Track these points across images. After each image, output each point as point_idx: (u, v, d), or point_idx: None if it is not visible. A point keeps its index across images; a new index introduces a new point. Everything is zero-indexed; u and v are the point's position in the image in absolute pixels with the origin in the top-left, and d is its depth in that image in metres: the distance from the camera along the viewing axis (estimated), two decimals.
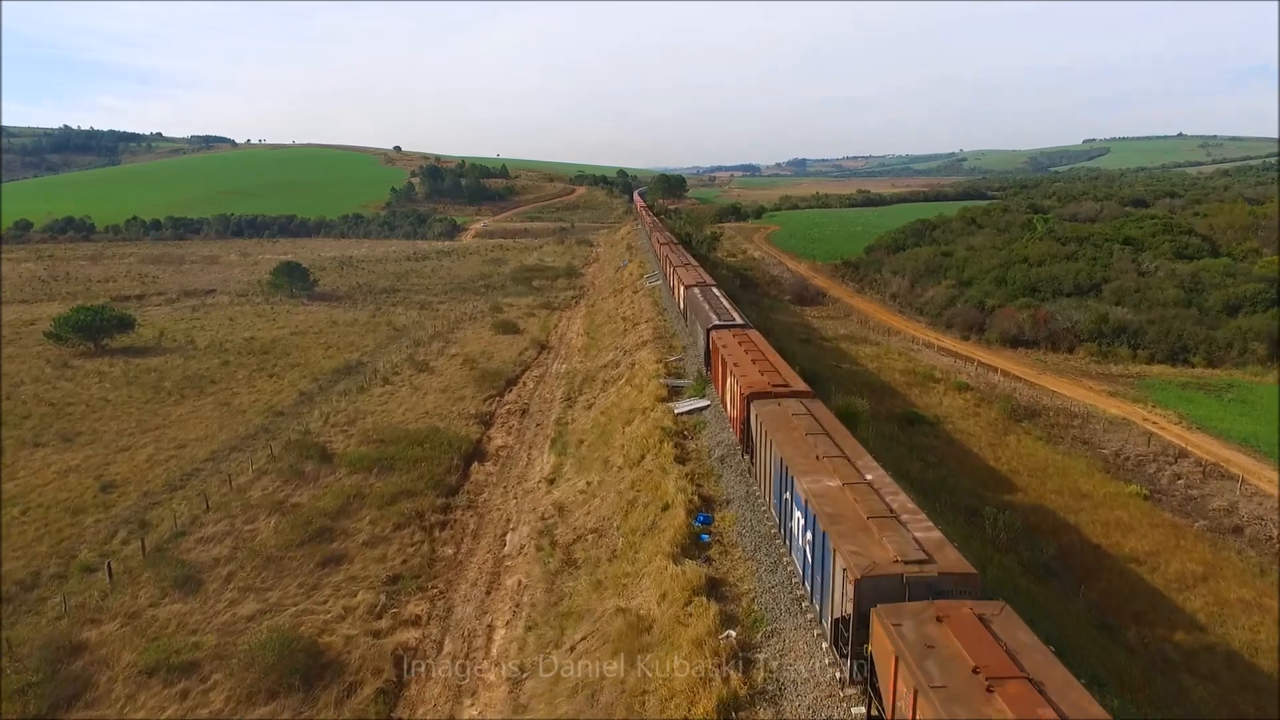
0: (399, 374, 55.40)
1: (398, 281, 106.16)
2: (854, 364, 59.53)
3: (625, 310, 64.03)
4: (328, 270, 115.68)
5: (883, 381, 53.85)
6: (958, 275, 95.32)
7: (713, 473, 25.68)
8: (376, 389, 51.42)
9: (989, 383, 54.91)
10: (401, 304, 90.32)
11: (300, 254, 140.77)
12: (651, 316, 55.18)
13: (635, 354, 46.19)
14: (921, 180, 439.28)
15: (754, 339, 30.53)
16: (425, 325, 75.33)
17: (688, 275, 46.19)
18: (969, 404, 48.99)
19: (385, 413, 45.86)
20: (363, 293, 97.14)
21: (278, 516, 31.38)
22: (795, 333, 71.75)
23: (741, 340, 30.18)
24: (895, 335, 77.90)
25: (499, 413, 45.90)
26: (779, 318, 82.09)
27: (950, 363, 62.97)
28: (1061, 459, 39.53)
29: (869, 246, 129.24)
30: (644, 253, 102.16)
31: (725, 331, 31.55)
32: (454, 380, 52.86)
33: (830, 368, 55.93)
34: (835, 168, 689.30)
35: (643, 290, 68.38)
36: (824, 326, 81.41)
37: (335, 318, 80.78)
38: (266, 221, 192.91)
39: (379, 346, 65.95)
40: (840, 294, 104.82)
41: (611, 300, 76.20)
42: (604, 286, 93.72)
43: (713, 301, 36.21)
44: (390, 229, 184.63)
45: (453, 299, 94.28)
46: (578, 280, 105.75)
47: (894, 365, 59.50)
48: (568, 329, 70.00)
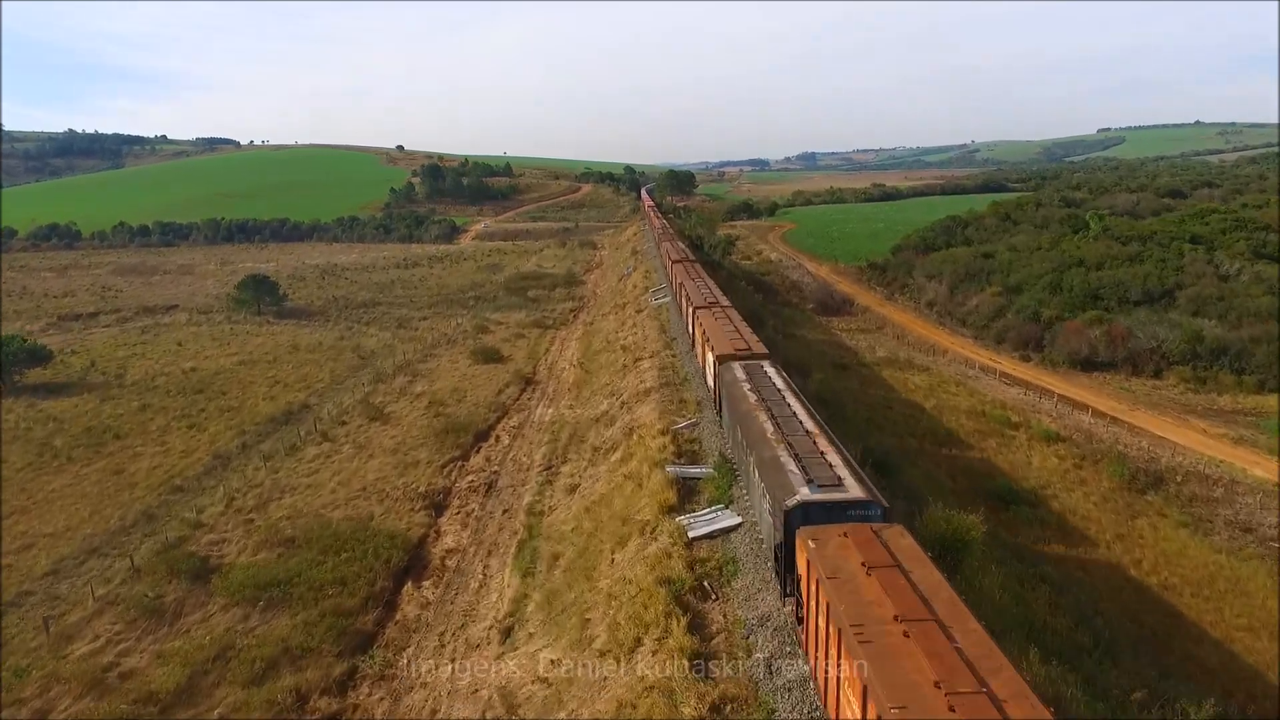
0: (347, 423, 44.33)
1: (380, 293, 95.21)
2: (905, 399, 48.06)
3: (627, 336, 52.73)
4: (307, 281, 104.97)
5: (947, 428, 42.40)
6: (1003, 280, 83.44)
7: (758, 697, 14.44)
8: (311, 449, 40.34)
9: (1080, 428, 43.26)
10: (377, 322, 79.35)
11: (285, 261, 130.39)
12: (657, 350, 43.86)
13: (635, 409, 34.95)
14: (934, 172, 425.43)
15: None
16: (397, 350, 64.26)
17: (716, 330, 32.21)
18: (1067, 464, 37.46)
19: (310, 489, 34.76)
20: (338, 308, 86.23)
21: (90, 701, 20.38)
22: (828, 355, 60.26)
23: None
24: (943, 355, 66.26)
25: (458, 488, 34.72)
26: (805, 334, 70.61)
27: (1019, 396, 51.35)
28: (1228, 563, 28.03)
29: (896, 246, 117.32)
30: (650, 258, 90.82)
31: None
32: (411, 434, 41.75)
33: (879, 408, 44.49)
34: (845, 161, 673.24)
35: (647, 310, 57.08)
36: (858, 344, 69.85)
37: (298, 340, 69.88)
38: (258, 226, 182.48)
39: (335, 382, 54.93)
40: (869, 301, 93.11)
41: (612, 318, 64.93)
42: (605, 298, 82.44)
43: (759, 381, 24.03)
44: (386, 232, 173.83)
45: (436, 314, 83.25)
46: (577, 289, 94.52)
47: (955, 402, 47.99)
48: (559, 355, 58.80)
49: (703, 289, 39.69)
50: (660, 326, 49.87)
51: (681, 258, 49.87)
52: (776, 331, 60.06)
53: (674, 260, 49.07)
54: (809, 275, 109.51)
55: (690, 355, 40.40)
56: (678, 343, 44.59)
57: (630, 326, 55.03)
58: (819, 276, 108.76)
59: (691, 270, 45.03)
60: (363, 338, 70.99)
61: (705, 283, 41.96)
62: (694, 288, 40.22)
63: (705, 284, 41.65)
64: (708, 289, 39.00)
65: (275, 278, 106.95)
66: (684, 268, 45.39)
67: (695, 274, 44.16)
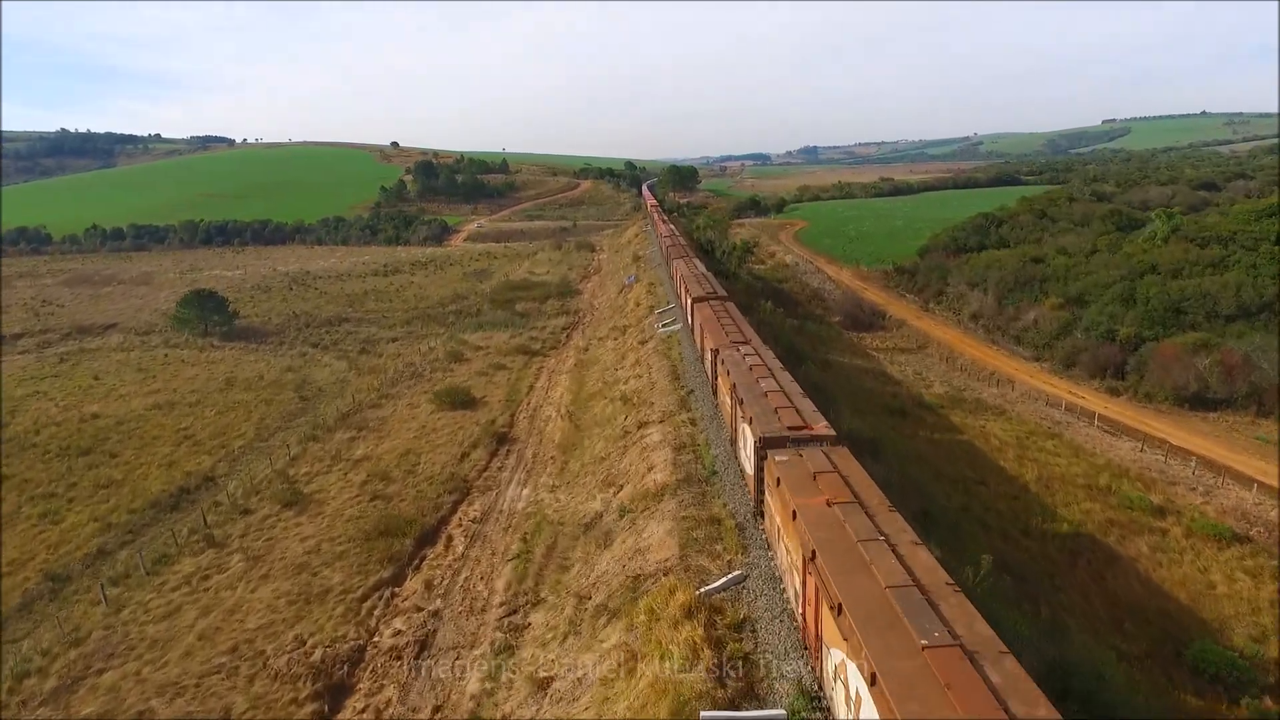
0: (251, 511, 32.37)
1: (349, 307, 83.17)
2: (993, 464, 36.02)
3: (628, 377, 40.65)
4: (271, 292, 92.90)
5: (1069, 520, 30.37)
6: (1062, 290, 71.27)
7: None
8: (187, 561, 28.38)
9: (1250, 512, 31.23)
10: (339, 345, 67.34)
11: (256, 268, 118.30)
12: (669, 410, 31.80)
13: (642, 527, 23.03)
14: (940, 166, 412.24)
15: None
16: (349, 388, 52.29)
17: (759, 402, 20.09)
18: (1262, 589, 25.52)
19: (154, 650, 22.80)
20: (297, 327, 74.18)
21: None
22: (875, 392, 48.18)
23: None
24: (1010, 387, 54.16)
25: (375, 648, 22.70)
26: (840, 359, 58.53)
27: (1136, 453, 39.24)
28: None
29: (923, 248, 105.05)
30: (654, 266, 78.72)
31: None
32: (333, 533, 29.78)
33: (969, 489, 32.48)
34: (847, 155, 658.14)
35: (654, 340, 44.99)
36: (903, 371, 57.78)
37: (237, 372, 57.94)
38: (238, 228, 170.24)
39: (260, 437, 42.96)
40: (902, 313, 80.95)
41: (611, 346, 52.89)
42: (603, 314, 70.36)
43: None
44: (372, 233, 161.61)
45: (409, 333, 71.24)
46: (572, 301, 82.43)
47: (1060, 467, 35.94)
48: (545, 397, 46.71)
49: (738, 344, 27.12)
50: (671, 369, 37.76)
51: (705, 294, 36.92)
52: (813, 361, 48.07)
53: (694, 297, 36.50)
54: (830, 281, 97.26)
55: (714, 419, 28.48)
56: (695, 398, 32.56)
57: (633, 364, 42.91)
58: (840, 282, 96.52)
59: (721, 313, 32.58)
60: (315, 368, 58.99)
61: (738, 329, 29.63)
62: (721, 340, 27.87)
63: (738, 331, 29.34)
64: (749, 349, 26.21)
65: (238, 288, 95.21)
66: (711, 311, 32.90)
67: (725, 317, 31.79)
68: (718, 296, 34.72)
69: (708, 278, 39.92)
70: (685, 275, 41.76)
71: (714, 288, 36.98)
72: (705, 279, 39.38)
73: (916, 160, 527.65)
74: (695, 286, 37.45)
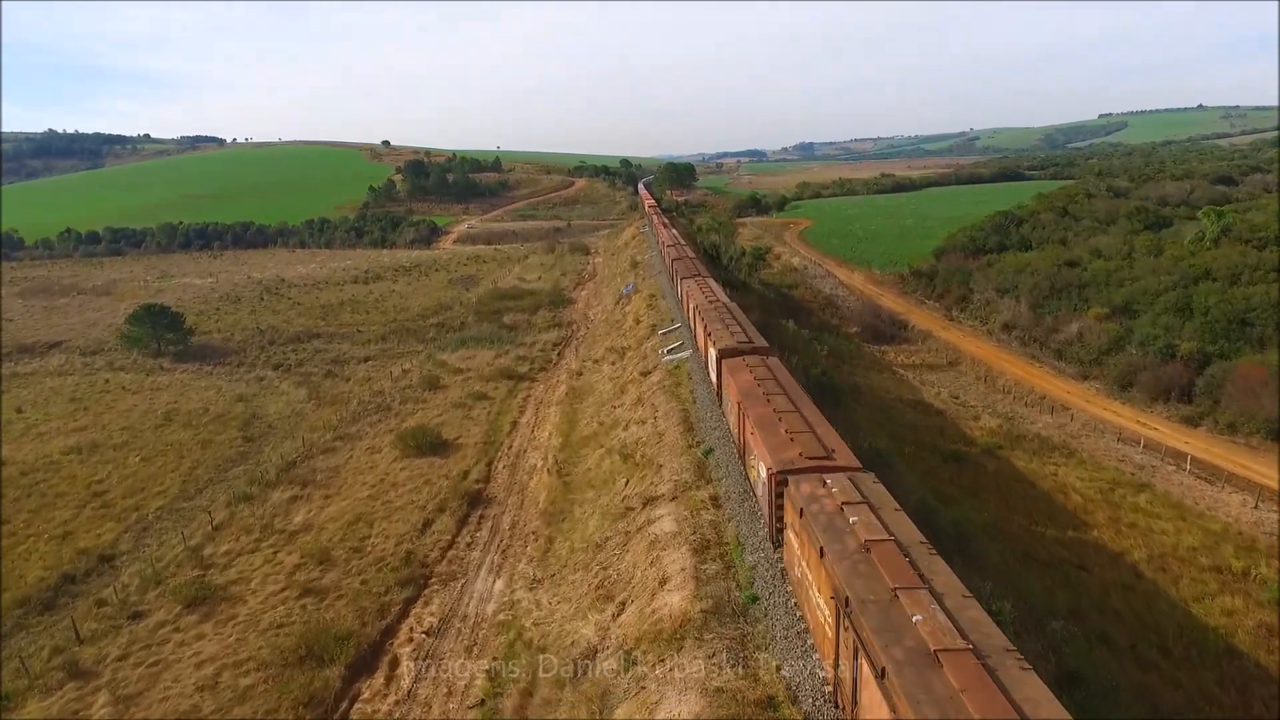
0: (144, 614, 24.75)
1: (322, 320, 75.46)
2: (1085, 539, 28.60)
3: (629, 424, 33.06)
4: (241, 303, 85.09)
5: (1190, 608, 23.05)
6: (1106, 298, 63.82)
7: None
8: (29, 707, 20.79)
9: None
10: (303, 366, 59.71)
11: (230, 275, 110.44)
12: (684, 479, 24.27)
13: (652, 676, 15.58)
14: (939, 161, 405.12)
15: None
16: (304, 423, 44.71)
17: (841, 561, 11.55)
18: None
19: None
20: (261, 344, 66.50)
21: None
22: (918, 426, 40.69)
23: None
24: (1067, 414, 46.71)
25: None
26: (868, 380, 51.04)
27: (1247, 508, 31.85)
28: None
29: (939, 249, 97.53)
30: (655, 274, 71.15)
31: None
32: (234, 662, 22.13)
33: (1071, 584, 25.08)
34: (843, 150, 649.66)
35: (658, 371, 37.43)
36: (939, 395, 50.33)
37: (181, 403, 50.28)
38: (218, 230, 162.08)
39: (184, 495, 35.36)
40: (926, 323, 73.46)
41: (607, 371, 45.34)
42: (599, 328, 62.80)
43: None
44: (358, 235, 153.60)
45: (383, 352, 63.64)
46: (564, 311, 74.84)
47: (1166, 534, 28.54)
48: (530, 438, 39.10)
49: (818, 467, 16.03)
50: (682, 415, 30.17)
51: (738, 346, 25.68)
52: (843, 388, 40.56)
53: (722, 350, 25.17)
54: (843, 287, 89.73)
55: (744, 500, 20.98)
56: (716, 461, 25.04)
57: (634, 403, 35.31)
58: (855, 288, 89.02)
59: (766, 380, 21.75)
60: (270, 396, 51.35)
61: (799, 416, 19.31)
62: (783, 450, 17.93)
63: (800, 420, 19.13)
64: (852, 498, 14.73)
65: (205, 299, 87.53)
66: (751, 378, 21.76)
67: (774, 391, 20.29)
68: (755, 349, 25.65)
69: (733, 314, 31.26)
70: (702, 308, 32.29)
71: (746, 332, 27.91)
72: (730, 316, 30.71)
73: (913, 156, 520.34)
74: (720, 330, 27.81)
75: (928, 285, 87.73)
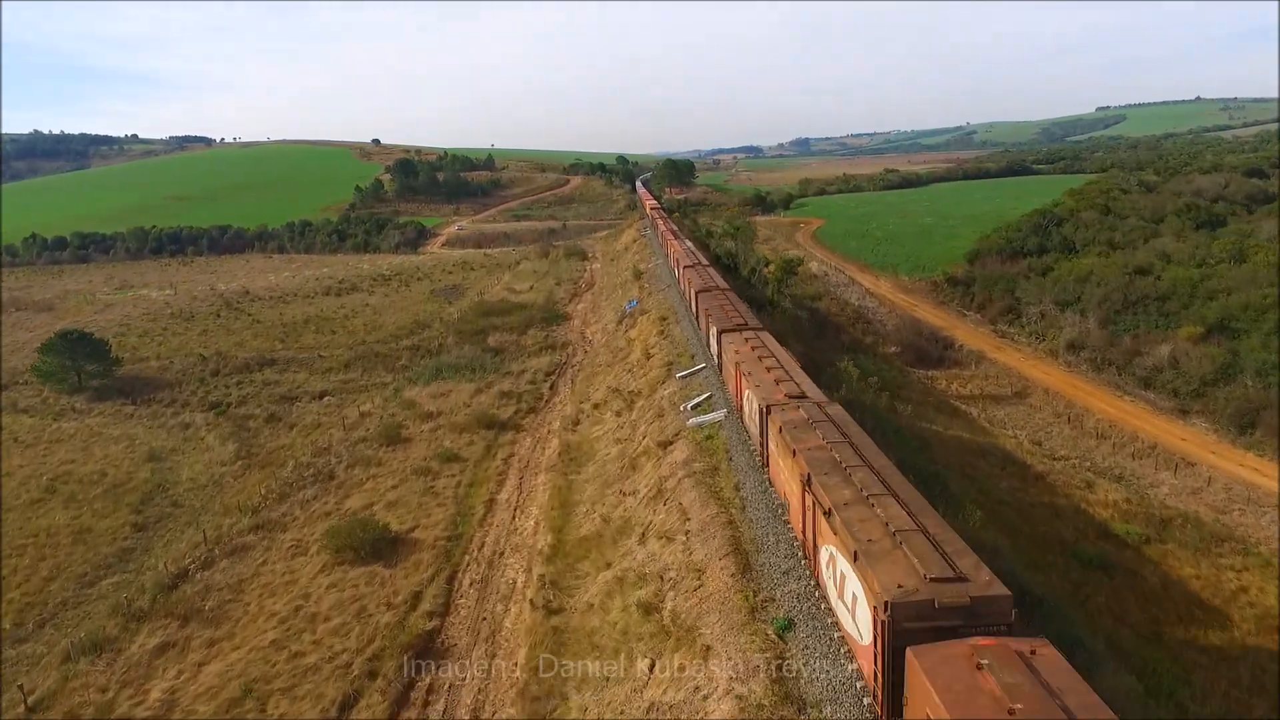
0: None
1: (280, 342, 64.82)
2: None
3: (646, 534, 22.71)
4: (195, 320, 74.35)
5: None
6: (1199, 315, 53.51)
7: None
8: None
9: None
10: (245, 405, 49.13)
11: (193, 285, 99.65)
12: (751, 686, 13.97)
13: None
14: (939, 156, 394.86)
15: None
16: (220, 497, 34.21)
17: None
18: None
19: None
20: (202, 375, 55.90)
21: None
22: (1027, 511, 30.30)
23: None
24: (1191, 470, 36.36)
25: None
26: (931, 424, 40.54)
27: None
28: None
29: (972, 252, 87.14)
30: (663, 286, 60.65)
31: None
32: None
33: None
34: (840, 146, 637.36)
35: (682, 438, 27.04)
36: (1019, 441, 40.00)
37: (79, 464, 39.65)
38: (193, 235, 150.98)
39: (14, 635, 24.88)
40: (974, 341, 62.96)
41: (611, 425, 34.89)
42: (600, 356, 52.29)
43: None
44: (340, 239, 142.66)
45: (344, 385, 53.07)
46: (559, 329, 64.32)
47: None
48: (510, 532, 28.61)
49: None
50: (729, 535, 19.68)
51: (841, 501, 13.35)
52: (913, 443, 30.15)
53: (796, 445, 14.98)
54: (871, 297, 79.26)
55: None
56: (798, 639, 14.78)
57: (652, 497, 24.79)
58: (884, 298, 78.54)
59: (833, 439, 13.27)
60: (190, 454, 40.76)
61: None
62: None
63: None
64: None
65: (155, 316, 76.80)
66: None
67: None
68: (772, 355, 15.02)
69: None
70: (771, 406, 18.73)
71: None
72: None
73: (911, 151, 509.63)
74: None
75: (965, 294, 77.41)
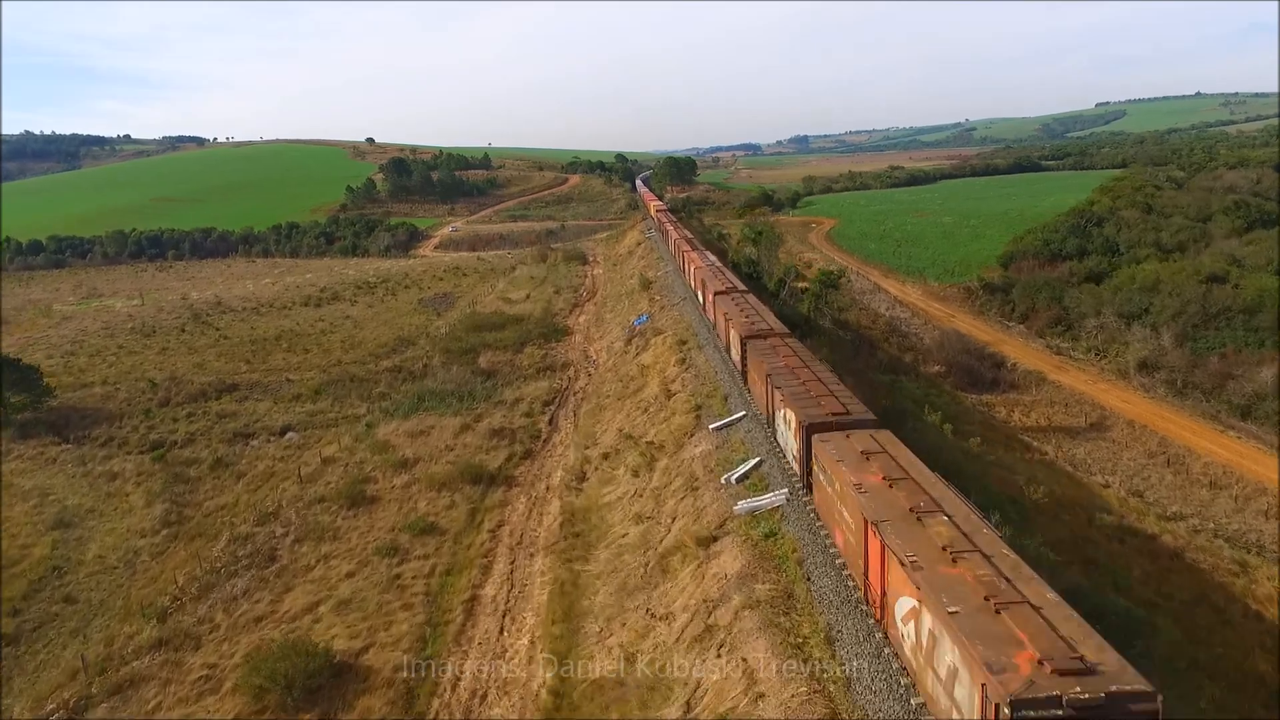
0: None
1: (246, 363, 57.13)
2: None
3: (696, 695, 15.20)
4: (156, 336, 66.60)
5: None
6: None
7: None
8: None
9: None
10: (192, 443, 41.48)
11: (163, 293, 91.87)
12: None
13: None
14: (940, 152, 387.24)
15: None
16: (126, 588, 26.58)
17: None
18: None
19: None
20: (148, 405, 48.25)
21: None
22: (1177, 608, 22.79)
23: None
24: None
25: None
26: (1012, 474, 32.94)
27: None
28: None
29: (1007, 255, 79.64)
30: (679, 300, 53.01)
31: None
32: None
33: None
34: (839, 143, 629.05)
35: (728, 532, 19.55)
36: (1118, 494, 32.57)
37: None
38: (174, 238, 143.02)
39: None
40: (1028, 358, 55.23)
41: (625, 498, 27.34)
42: (607, 384, 44.60)
43: None
44: (328, 242, 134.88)
45: (312, 417, 45.34)
46: (558, 347, 56.70)
47: None
48: (495, 649, 20.99)
49: None
50: (825, 702, 12.24)
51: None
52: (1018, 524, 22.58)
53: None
54: (900, 305, 71.70)
55: None
56: None
57: (698, 636, 17.18)
58: (915, 306, 70.91)
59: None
60: (107, 517, 33.10)
61: None
62: None
63: None
64: None
65: (113, 331, 69.08)
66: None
67: None
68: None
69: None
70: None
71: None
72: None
73: (910, 148, 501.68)
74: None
75: (1003, 302, 69.82)
